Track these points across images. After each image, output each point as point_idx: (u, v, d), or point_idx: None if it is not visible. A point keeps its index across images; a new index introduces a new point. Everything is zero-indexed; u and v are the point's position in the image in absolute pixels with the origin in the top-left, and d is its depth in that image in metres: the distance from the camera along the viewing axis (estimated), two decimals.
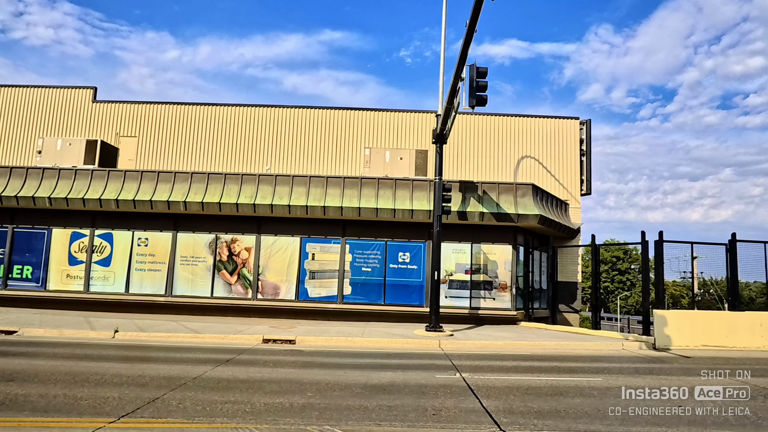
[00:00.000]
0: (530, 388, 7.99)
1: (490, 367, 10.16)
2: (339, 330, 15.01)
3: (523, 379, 8.89)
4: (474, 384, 8.13)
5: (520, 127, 21.38)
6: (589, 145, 21.31)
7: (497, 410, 6.46)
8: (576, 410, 6.58)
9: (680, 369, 10.35)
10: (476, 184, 17.26)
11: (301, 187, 17.26)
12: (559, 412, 6.46)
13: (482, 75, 11.69)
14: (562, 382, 8.61)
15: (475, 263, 17.63)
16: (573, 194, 21.03)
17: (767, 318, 14.02)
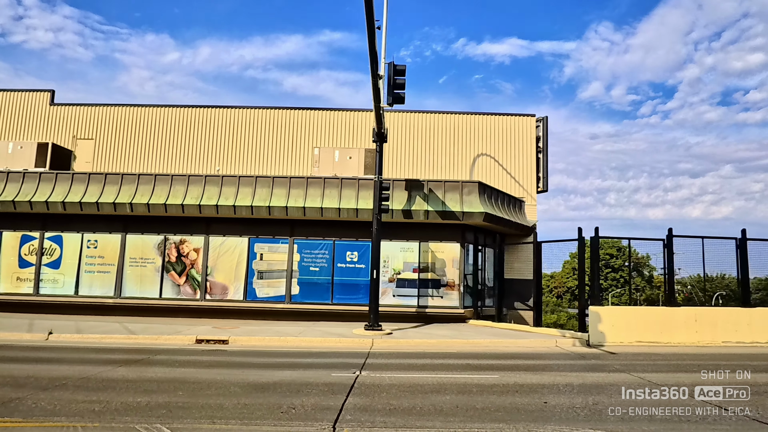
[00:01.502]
0: (417, 386, 7.98)
1: (400, 365, 10.15)
2: (279, 330, 15.01)
3: (421, 377, 8.87)
4: (361, 382, 8.12)
5: (477, 125, 21.36)
6: (545, 143, 21.28)
7: (353, 408, 6.46)
8: (437, 407, 6.57)
9: (594, 366, 10.32)
10: (422, 182, 17.25)
11: (247, 188, 17.28)
12: (419, 410, 6.44)
13: (400, 73, 11.69)
14: (458, 380, 8.60)
15: (423, 262, 17.62)
16: (529, 192, 21.00)
17: (703, 313, 14.00)
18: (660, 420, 6.16)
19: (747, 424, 6.00)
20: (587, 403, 6.90)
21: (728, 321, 13.86)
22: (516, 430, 5.65)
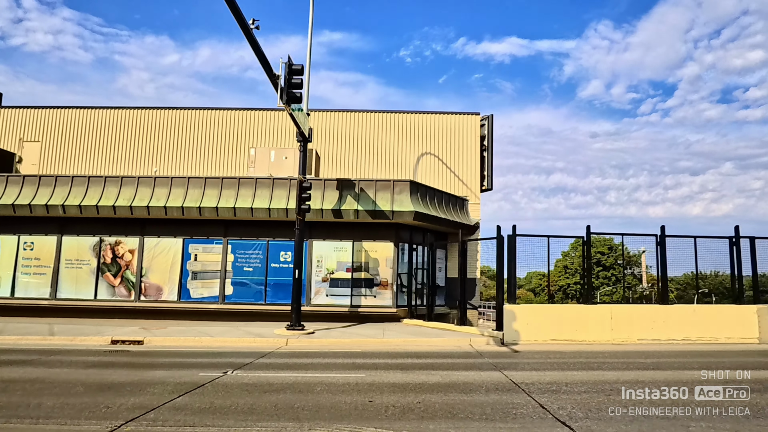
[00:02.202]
0: (270, 384, 7.98)
1: (286, 364, 10.16)
2: (202, 330, 15.04)
3: (291, 376, 8.86)
4: (218, 382, 8.13)
5: (422, 124, 21.34)
6: (490, 141, 21.23)
7: (170, 407, 6.46)
8: (259, 406, 6.56)
9: (481, 364, 10.29)
10: (354, 181, 17.25)
11: (179, 189, 17.32)
12: (236, 408, 6.44)
13: (296, 72, 11.68)
14: (324, 379, 8.58)
15: (356, 261, 17.61)
16: (473, 190, 20.97)
17: (619, 311, 13.94)
18: (446, 417, 6.13)
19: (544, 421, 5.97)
20: (408, 402, 6.88)
21: (645, 318, 13.79)
22: (301, 428, 5.65)
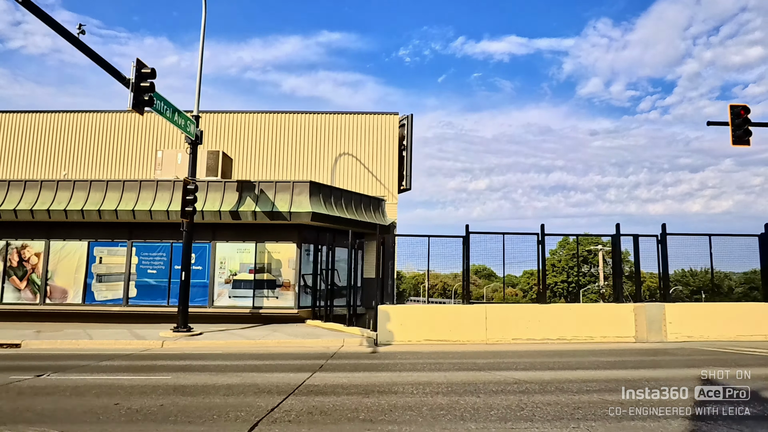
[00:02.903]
0: (56, 387, 8.02)
1: (120, 367, 10.21)
2: (90, 332, 15.08)
3: (103, 379, 8.88)
4: (13, 387, 8.18)
5: (340, 125, 21.33)
6: (410, 141, 21.19)
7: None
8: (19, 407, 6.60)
9: (349, 365, 10.17)
10: (254, 183, 17.28)
11: (81, 192, 17.40)
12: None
13: (145, 77, 11.69)
14: (117, 382, 8.60)
15: (259, 262, 17.64)
16: (390, 190, 20.93)
17: (493, 310, 13.88)
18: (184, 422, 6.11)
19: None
20: (157, 404, 6.88)
21: (520, 318, 13.73)
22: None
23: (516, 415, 5.81)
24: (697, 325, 13.75)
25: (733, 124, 14.36)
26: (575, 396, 6.79)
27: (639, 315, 13.74)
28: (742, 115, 14.23)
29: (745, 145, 14.35)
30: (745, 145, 14.35)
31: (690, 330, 13.72)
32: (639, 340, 13.69)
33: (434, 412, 6.04)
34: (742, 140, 14.32)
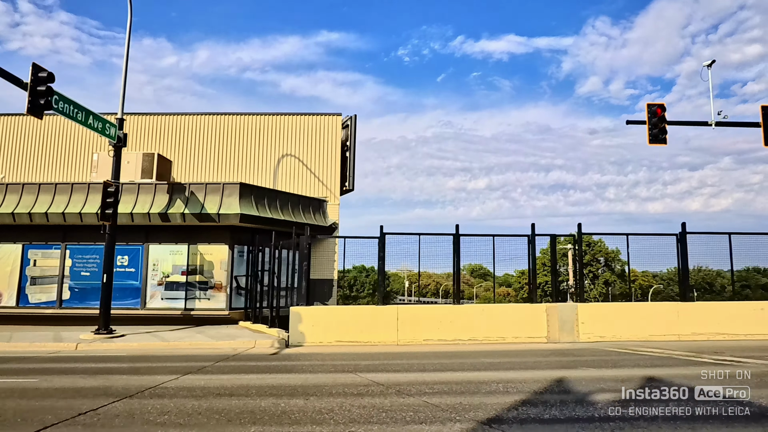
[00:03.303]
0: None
1: (8, 370, 10.28)
2: (16, 336, 15.21)
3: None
4: None
5: (283, 126, 21.35)
6: (353, 143, 21.19)
7: None
8: None
9: (236, 367, 10.17)
10: (184, 185, 17.32)
11: (13, 195, 17.49)
12: None
13: (42, 81, 11.71)
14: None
15: (192, 264, 17.68)
16: (333, 191, 20.94)
17: (405, 311, 13.87)
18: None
19: None
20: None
21: (432, 319, 13.71)
22: None
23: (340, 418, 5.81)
24: (611, 325, 13.70)
25: (650, 123, 14.31)
26: (414, 398, 6.78)
27: (551, 315, 13.71)
28: (659, 114, 14.18)
29: (661, 144, 14.30)
30: (661, 144, 14.30)
31: (603, 330, 13.68)
32: (551, 341, 13.66)
33: (257, 415, 6.04)
34: (658, 139, 14.27)
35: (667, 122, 14.41)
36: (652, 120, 14.32)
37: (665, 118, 14.38)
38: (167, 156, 20.07)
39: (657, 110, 14.29)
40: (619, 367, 9.45)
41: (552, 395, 6.91)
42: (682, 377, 8.18)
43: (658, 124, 14.30)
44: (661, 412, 5.94)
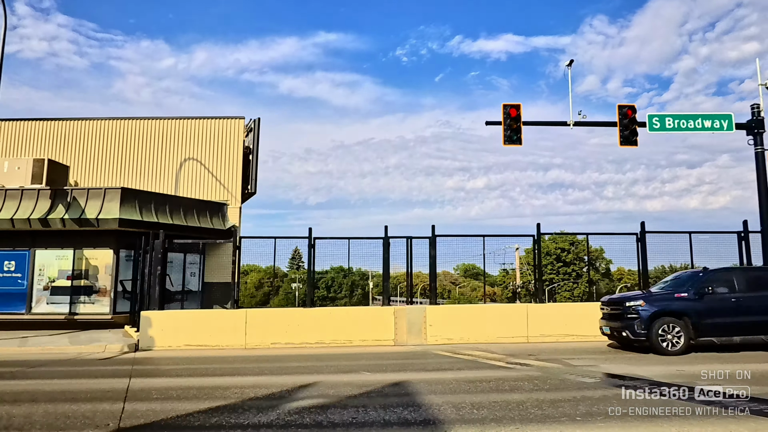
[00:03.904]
0: None
1: None
2: None
3: None
4: None
5: (185, 130, 21.43)
6: (256, 146, 21.23)
7: None
8: None
9: (53, 372, 10.22)
10: (66, 190, 17.43)
11: None
12: None
13: None
14: None
15: (77, 269, 17.79)
16: (234, 195, 20.99)
17: (253, 314, 13.88)
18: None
19: None
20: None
21: (280, 322, 13.72)
22: None
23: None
24: (461, 327, 13.66)
25: (505, 124, 14.24)
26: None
27: (399, 318, 13.68)
28: (513, 114, 14.11)
29: (516, 145, 14.23)
30: (516, 145, 14.23)
31: (452, 333, 13.63)
32: (398, 343, 13.63)
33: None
34: (512, 140, 14.20)
35: (522, 123, 14.33)
36: (507, 121, 14.24)
37: (520, 118, 14.30)
38: (66, 162, 20.18)
39: (511, 111, 14.20)
40: (407, 371, 9.42)
41: (260, 401, 6.91)
42: (423, 382, 8.17)
43: (512, 125, 14.22)
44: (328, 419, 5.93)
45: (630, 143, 14.28)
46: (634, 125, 14.30)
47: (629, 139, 14.26)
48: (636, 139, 14.26)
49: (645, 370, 9.07)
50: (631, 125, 14.28)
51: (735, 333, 11.01)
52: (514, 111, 14.22)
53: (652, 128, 14.50)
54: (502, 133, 14.23)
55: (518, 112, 14.24)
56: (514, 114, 14.23)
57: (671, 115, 14.52)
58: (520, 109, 14.30)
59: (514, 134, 14.17)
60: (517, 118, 14.25)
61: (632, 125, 14.28)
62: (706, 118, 14.51)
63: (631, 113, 14.26)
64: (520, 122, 14.28)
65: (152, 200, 18.26)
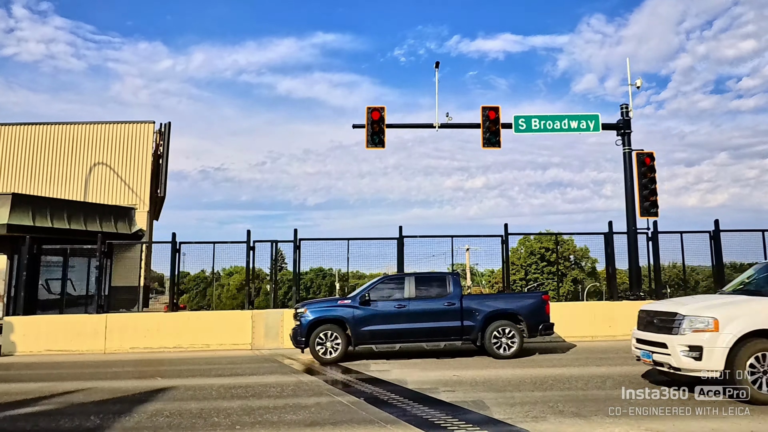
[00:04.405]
0: None
1: None
2: None
3: None
4: None
5: (95, 135, 21.53)
6: (166, 150, 21.30)
7: None
8: None
9: None
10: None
11: None
12: None
13: None
14: None
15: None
16: (142, 199, 21.08)
17: (113, 319, 13.94)
18: None
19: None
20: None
21: (139, 327, 13.77)
22: None
23: None
24: None
25: (368, 127, 14.23)
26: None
27: (257, 322, 13.70)
28: (376, 117, 14.09)
29: (379, 147, 14.21)
30: (379, 147, 14.21)
31: None
32: (255, 348, 13.64)
33: None
34: (374, 142, 14.19)
35: (386, 126, 14.31)
36: (371, 123, 14.22)
37: (384, 120, 14.27)
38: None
39: (374, 114, 14.18)
40: (199, 377, 9.44)
41: None
42: (191, 388, 8.19)
43: (375, 128, 14.20)
44: None
45: (492, 144, 14.23)
46: (497, 127, 14.24)
47: (491, 141, 14.21)
48: (499, 140, 14.20)
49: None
50: (494, 127, 14.22)
51: (395, 340, 10.88)
52: (376, 114, 14.19)
53: (518, 129, 14.44)
54: (365, 136, 14.21)
55: (381, 114, 14.22)
56: (376, 117, 14.21)
57: (537, 116, 14.47)
58: (384, 112, 14.28)
59: (376, 137, 14.15)
60: (380, 120, 14.22)
61: (495, 127, 14.22)
62: (573, 119, 14.44)
63: (493, 115, 14.20)
64: (383, 125, 14.25)
65: (48, 206, 18.36)
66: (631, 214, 14.25)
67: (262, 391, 7.86)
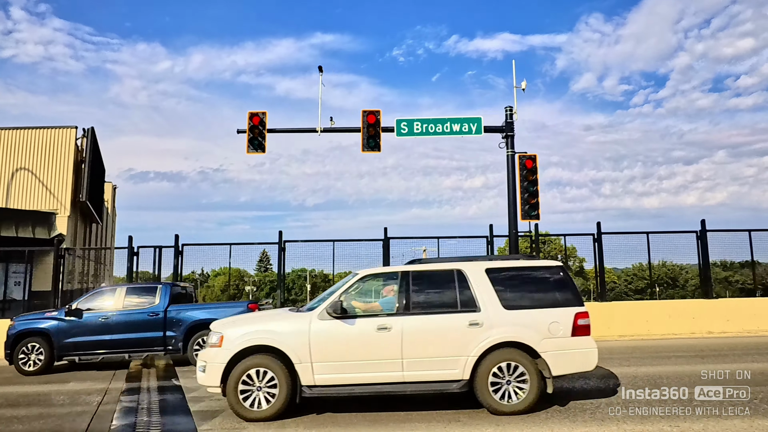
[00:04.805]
0: None
1: None
2: None
3: None
4: None
5: (16, 140, 21.62)
6: (89, 154, 21.37)
7: None
8: None
9: None
10: None
11: None
12: None
13: None
14: None
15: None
16: (64, 203, 21.17)
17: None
18: None
19: None
20: None
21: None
22: None
23: None
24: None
25: (250, 132, 14.28)
26: None
27: None
28: (371, 121, 14.19)
29: (260, 152, 14.28)
30: (260, 152, 14.28)
31: None
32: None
33: None
34: (255, 146, 14.26)
35: (267, 130, 14.35)
36: (252, 128, 14.26)
37: (265, 125, 14.31)
38: None
39: (254, 119, 14.22)
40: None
41: None
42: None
43: (256, 132, 14.24)
44: None
45: (372, 148, 14.24)
46: (377, 130, 14.25)
47: (370, 145, 14.23)
48: (379, 143, 14.22)
49: None
50: (374, 130, 14.23)
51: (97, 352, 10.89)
52: (257, 119, 14.23)
53: (400, 133, 14.44)
54: (246, 141, 14.26)
55: (262, 119, 14.26)
56: (257, 122, 14.25)
57: (419, 119, 14.47)
58: (266, 117, 14.31)
59: (256, 141, 14.20)
60: (262, 124, 14.26)
61: (375, 130, 14.23)
62: (455, 122, 14.43)
63: (373, 119, 14.21)
64: (264, 129, 14.29)
65: None
66: (513, 217, 14.21)
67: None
